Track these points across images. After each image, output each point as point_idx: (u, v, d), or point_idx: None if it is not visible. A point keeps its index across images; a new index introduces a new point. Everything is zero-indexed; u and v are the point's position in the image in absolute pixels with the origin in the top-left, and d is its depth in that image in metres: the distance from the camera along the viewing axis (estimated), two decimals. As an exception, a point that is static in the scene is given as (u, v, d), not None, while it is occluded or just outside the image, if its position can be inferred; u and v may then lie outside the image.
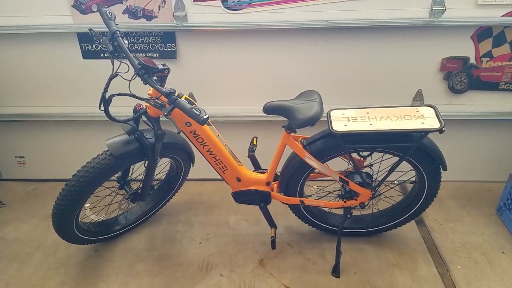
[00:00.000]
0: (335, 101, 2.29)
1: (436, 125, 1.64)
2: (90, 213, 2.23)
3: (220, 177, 2.02)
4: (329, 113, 1.78)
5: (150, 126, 1.80)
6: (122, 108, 1.89)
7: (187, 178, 2.39)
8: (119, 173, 2.01)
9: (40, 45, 2.25)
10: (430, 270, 2.00)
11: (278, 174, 2.02)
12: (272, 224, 2.08)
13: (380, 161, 1.94)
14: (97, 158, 1.82)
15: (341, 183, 1.94)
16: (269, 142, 2.39)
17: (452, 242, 2.17)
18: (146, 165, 1.94)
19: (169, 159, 2.25)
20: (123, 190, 2.08)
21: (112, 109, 1.62)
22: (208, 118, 1.41)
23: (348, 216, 2.02)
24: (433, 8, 2.02)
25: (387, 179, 1.89)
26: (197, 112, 1.39)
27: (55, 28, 2.16)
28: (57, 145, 2.64)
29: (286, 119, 1.76)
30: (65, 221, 1.89)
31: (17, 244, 2.23)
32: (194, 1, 2.08)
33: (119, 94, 1.58)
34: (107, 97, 1.59)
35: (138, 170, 2.02)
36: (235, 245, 2.19)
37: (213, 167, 1.97)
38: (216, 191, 2.63)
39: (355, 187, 1.91)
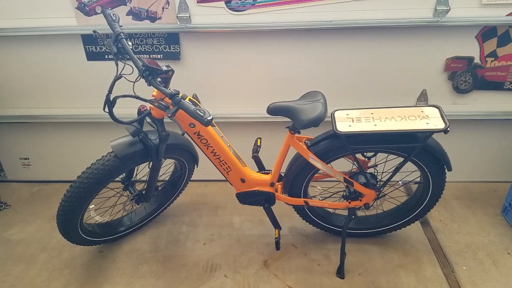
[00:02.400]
0: (339, 102, 2.28)
1: (440, 125, 1.63)
2: (94, 214, 2.23)
3: (224, 178, 2.02)
4: (333, 113, 1.77)
5: (154, 128, 1.81)
6: (127, 109, 1.89)
7: (191, 179, 2.39)
8: (124, 174, 2.01)
9: (44, 47, 2.26)
10: (435, 271, 1.99)
11: (282, 175, 2.02)
12: (276, 225, 2.08)
13: (385, 162, 1.94)
14: (102, 160, 1.82)
15: (345, 184, 1.94)
16: (273, 143, 2.39)
17: (457, 243, 2.16)
18: (150, 166, 1.95)
19: (173, 160, 2.25)
20: (128, 191, 2.09)
21: (116, 111, 1.62)
22: (212, 119, 1.41)
23: (353, 217, 2.02)
24: (437, 8, 2.02)
25: (392, 179, 1.88)
26: (201, 114, 1.40)
27: (59, 30, 2.17)
28: (62, 146, 2.65)
29: (290, 120, 1.76)
30: (70, 223, 1.89)
31: (22, 245, 2.23)
32: (197, 2, 2.08)
33: (124, 96, 1.58)
34: (111, 99, 1.59)
35: (142, 171, 2.03)
36: (239, 246, 2.19)
37: (217, 168, 1.97)
38: (220, 192, 2.63)
39: (359, 188, 1.90)
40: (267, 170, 2.06)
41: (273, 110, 1.76)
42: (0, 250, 2.19)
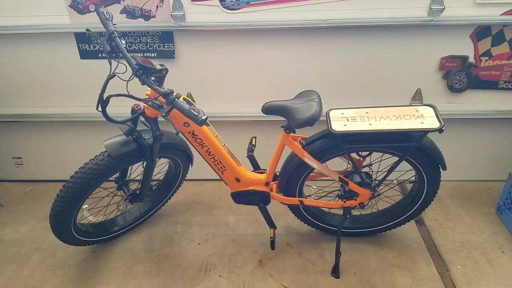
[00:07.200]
0: (334, 101, 2.28)
1: (435, 124, 1.63)
2: (88, 214, 2.22)
3: (219, 178, 2.01)
4: (328, 113, 1.77)
5: (148, 127, 1.79)
6: (120, 108, 1.88)
7: (186, 178, 2.38)
8: (117, 174, 2.00)
9: (37, 45, 2.24)
10: (429, 270, 2.00)
11: (277, 174, 2.02)
12: (271, 224, 2.07)
13: (380, 161, 1.94)
14: (95, 159, 1.81)
15: (340, 183, 1.94)
16: (268, 142, 2.39)
17: (452, 242, 2.17)
18: (144, 165, 1.93)
19: (168, 160, 2.24)
20: (122, 191, 2.07)
21: (109, 110, 1.61)
22: (206, 118, 1.40)
23: (348, 216, 2.02)
24: (432, 7, 2.02)
25: (387, 178, 1.88)
26: (195, 113, 1.39)
27: (52, 28, 2.15)
28: (55, 145, 2.63)
29: (285, 119, 1.75)
30: (63, 223, 1.88)
31: (15, 245, 2.21)
32: (192, 0, 2.07)
33: (117, 95, 1.57)
34: (104, 98, 1.58)
35: (136, 170, 2.01)
36: (234, 245, 2.18)
37: (212, 167, 1.96)
38: (215, 191, 2.63)
39: (354, 187, 1.90)
40: (262, 170, 2.05)
41: (268, 109, 1.76)
42: (-7, 251, 2.18)
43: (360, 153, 1.88)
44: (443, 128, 1.61)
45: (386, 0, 2.03)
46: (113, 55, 1.58)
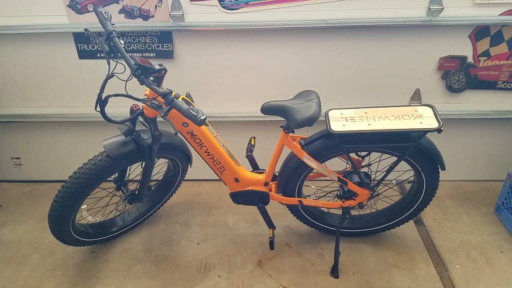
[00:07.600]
0: (333, 101, 2.28)
1: (434, 124, 1.64)
2: (87, 214, 2.22)
3: (218, 178, 2.01)
4: (327, 113, 1.77)
5: (147, 127, 1.79)
6: (119, 108, 1.88)
7: (185, 178, 2.37)
8: (116, 174, 1.99)
9: (36, 45, 2.23)
10: (428, 270, 2.00)
11: (277, 174, 2.02)
12: (270, 224, 2.07)
13: (379, 161, 1.94)
14: (94, 159, 1.81)
15: (339, 183, 1.94)
16: (267, 142, 2.39)
17: (451, 242, 2.17)
18: (143, 166, 1.93)
19: (167, 160, 2.24)
20: (120, 191, 2.07)
21: (108, 110, 1.61)
22: (205, 118, 1.40)
23: (347, 216, 2.02)
24: (431, 7, 2.02)
25: (386, 178, 1.88)
26: (194, 113, 1.38)
27: (50, 28, 2.15)
28: (54, 146, 2.63)
29: (284, 119, 1.75)
30: (62, 223, 1.87)
31: (14, 246, 2.21)
32: (191, 0, 2.07)
33: (116, 95, 1.57)
34: (103, 98, 1.57)
35: (135, 171, 2.01)
36: (234, 246, 2.18)
37: (211, 167, 1.96)
38: (214, 192, 2.62)
39: (353, 187, 1.90)
40: (261, 170, 2.05)
41: (267, 110, 1.75)
42: (-9, 251, 2.18)
43: (359, 153, 1.89)
44: (442, 128, 1.61)
45: (385, 0, 2.03)
46: (112, 55, 1.58)
